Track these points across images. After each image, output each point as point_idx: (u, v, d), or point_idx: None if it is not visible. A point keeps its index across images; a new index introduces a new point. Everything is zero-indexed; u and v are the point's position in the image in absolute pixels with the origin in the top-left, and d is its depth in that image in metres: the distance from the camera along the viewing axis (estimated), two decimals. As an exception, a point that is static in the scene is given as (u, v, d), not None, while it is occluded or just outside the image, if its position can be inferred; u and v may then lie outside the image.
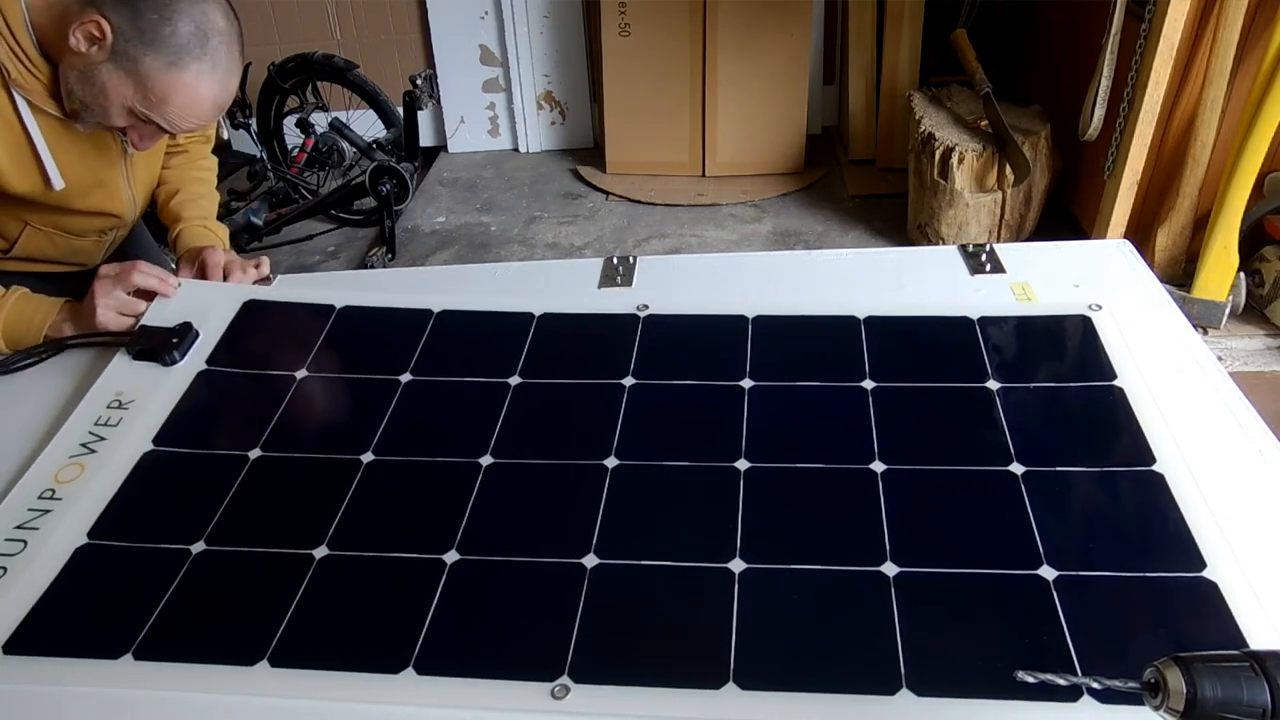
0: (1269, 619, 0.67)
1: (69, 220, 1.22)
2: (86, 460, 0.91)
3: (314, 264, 3.13)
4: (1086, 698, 0.63)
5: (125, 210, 1.27)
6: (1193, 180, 2.41)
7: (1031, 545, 0.74)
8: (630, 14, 3.30)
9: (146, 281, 1.12)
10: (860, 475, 0.82)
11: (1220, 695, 0.46)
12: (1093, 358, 0.94)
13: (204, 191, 1.41)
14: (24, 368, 1.06)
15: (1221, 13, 2.21)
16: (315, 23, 3.58)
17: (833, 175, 3.44)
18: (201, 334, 1.06)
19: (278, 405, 0.97)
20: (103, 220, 1.27)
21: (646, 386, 0.95)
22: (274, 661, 0.71)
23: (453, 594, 0.75)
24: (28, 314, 1.12)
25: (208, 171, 1.46)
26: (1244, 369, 2.31)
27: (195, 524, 0.83)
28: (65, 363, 1.06)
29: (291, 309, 1.11)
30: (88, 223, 1.25)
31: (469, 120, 3.74)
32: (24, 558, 0.81)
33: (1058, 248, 1.17)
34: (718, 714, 0.65)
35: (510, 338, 1.04)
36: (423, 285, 1.21)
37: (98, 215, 1.25)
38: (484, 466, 0.87)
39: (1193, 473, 0.79)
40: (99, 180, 1.21)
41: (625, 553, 0.77)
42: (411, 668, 0.70)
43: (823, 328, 1.02)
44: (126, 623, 0.75)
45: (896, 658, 0.67)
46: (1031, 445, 0.84)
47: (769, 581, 0.74)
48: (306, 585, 0.77)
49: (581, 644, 0.70)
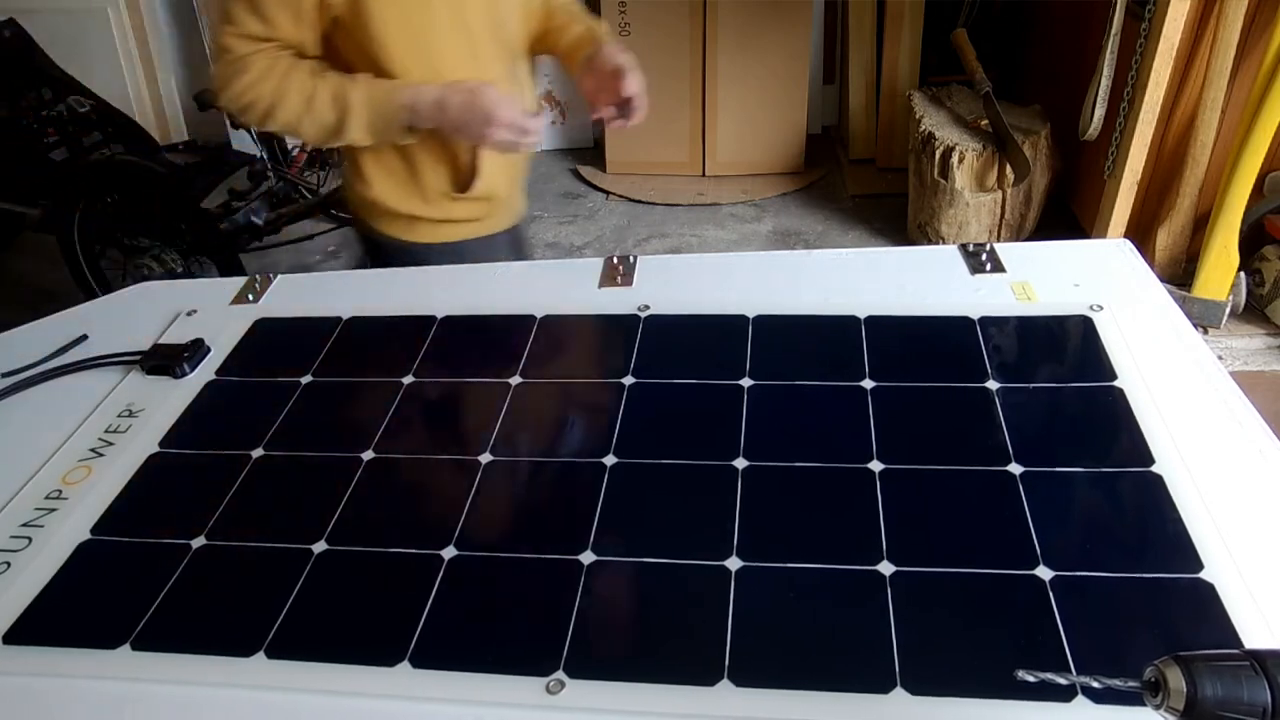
0: (1265, 620, 0.67)
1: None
2: (94, 463, 0.92)
3: (314, 264, 3.13)
4: (1081, 697, 0.63)
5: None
6: (1193, 180, 2.41)
7: (1029, 545, 0.74)
8: (630, 14, 3.30)
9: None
10: (858, 475, 0.82)
11: (1220, 694, 0.46)
12: (1093, 358, 0.94)
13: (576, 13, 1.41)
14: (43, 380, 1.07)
15: (1221, 13, 2.21)
16: (316, 22, 3.58)
17: (833, 175, 3.44)
18: (213, 349, 1.08)
19: (281, 408, 0.98)
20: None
21: (646, 386, 0.96)
22: (270, 653, 0.71)
23: (450, 589, 0.75)
24: (385, 87, 1.19)
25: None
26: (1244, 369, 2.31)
27: (196, 520, 0.84)
28: (82, 382, 1.06)
29: (300, 323, 1.12)
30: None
31: (469, 120, 3.74)
32: (28, 553, 0.82)
33: (1058, 247, 1.17)
34: (712, 711, 0.65)
35: (512, 339, 1.04)
36: (423, 284, 1.21)
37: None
38: (483, 464, 0.87)
39: (1192, 473, 0.79)
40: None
41: (622, 550, 0.77)
42: (407, 661, 0.70)
43: (823, 328, 1.02)
44: (125, 615, 0.75)
45: (891, 656, 0.67)
46: (1030, 445, 0.84)
47: (765, 580, 0.74)
48: (304, 579, 0.77)
49: (577, 640, 0.70)
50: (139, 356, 1.07)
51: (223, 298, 1.19)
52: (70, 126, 2.90)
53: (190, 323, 1.13)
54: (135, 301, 1.22)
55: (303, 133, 1.24)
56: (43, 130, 2.85)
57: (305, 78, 1.21)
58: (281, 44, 1.20)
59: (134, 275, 2.56)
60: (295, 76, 1.20)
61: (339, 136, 1.23)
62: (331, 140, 1.24)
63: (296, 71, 1.21)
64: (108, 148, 2.94)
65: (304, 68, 1.21)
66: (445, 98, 1.20)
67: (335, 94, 1.20)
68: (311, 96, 1.20)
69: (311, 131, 1.23)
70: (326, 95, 1.20)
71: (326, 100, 1.20)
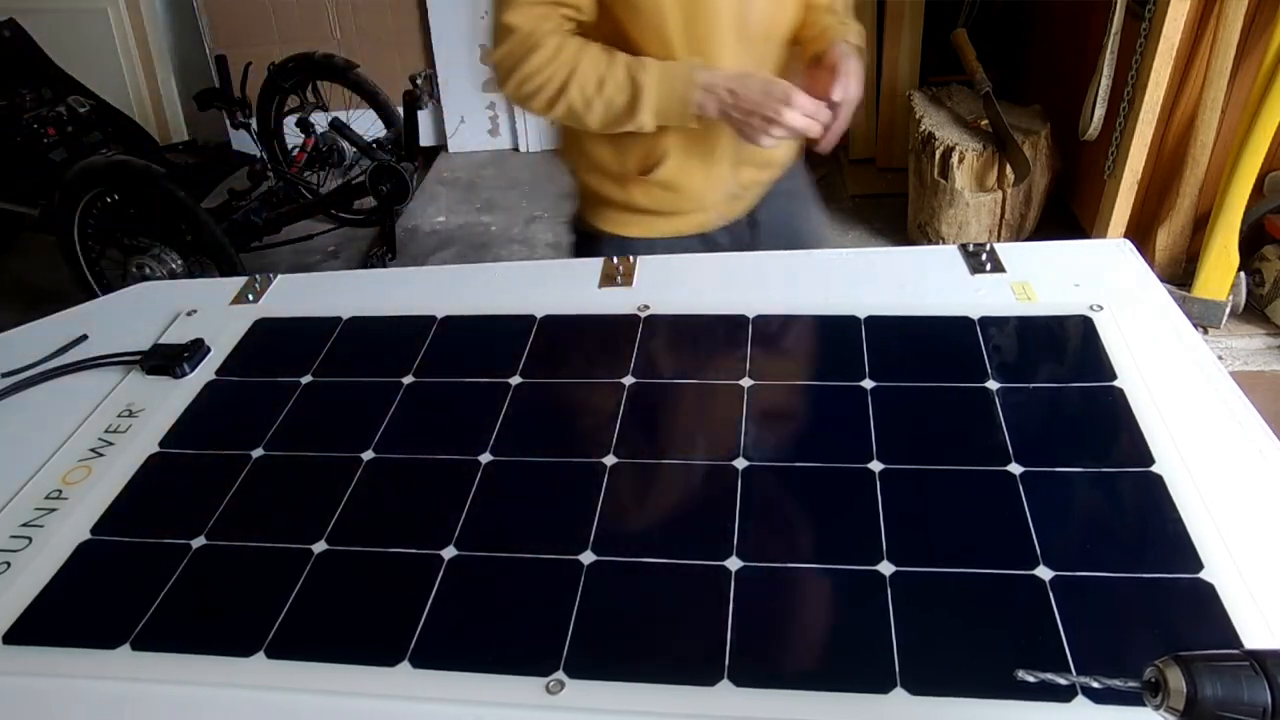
0: (1265, 620, 0.67)
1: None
2: (94, 463, 0.92)
3: (314, 264, 3.13)
4: (1080, 697, 0.63)
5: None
6: (1193, 180, 2.41)
7: (1029, 545, 0.74)
8: (631, 14, 3.30)
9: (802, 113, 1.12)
10: (858, 475, 0.82)
11: (1220, 694, 0.46)
12: (1093, 358, 0.94)
13: (839, 24, 1.29)
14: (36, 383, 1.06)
15: (1221, 13, 2.21)
16: (315, 23, 3.58)
17: (833, 175, 3.44)
18: (213, 349, 1.08)
19: (282, 408, 0.98)
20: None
21: (646, 386, 0.96)
22: (270, 653, 0.71)
23: (450, 589, 0.75)
24: (679, 68, 1.14)
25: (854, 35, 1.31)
26: (1244, 369, 2.31)
27: (196, 520, 0.84)
28: (82, 382, 1.06)
29: (300, 323, 1.12)
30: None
31: (469, 120, 3.74)
32: (28, 553, 0.82)
33: (1058, 247, 1.17)
34: (712, 711, 0.65)
35: (512, 339, 1.04)
36: (423, 285, 1.21)
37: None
38: (483, 464, 0.87)
39: (1192, 473, 0.79)
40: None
41: (622, 550, 0.77)
42: (407, 661, 0.70)
43: (823, 328, 1.02)
44: (125, 615, 0.75)
45: (891, 656, 0.67)
46: (1030, 445, 0.84)
47: (765, 580, 0.74)
48: (304, 579, 0.77)
49: (577, 640, 0.70)
50: (139, 356, 1.07)
51: (223, 298, 1.19)
52: (70, 126, 2.90)
53: (190, 323, 1.13)
54: (135, 301, 1.22)
55: (588, 117, 1.17)
56: (43, 130, 2.85)
57: (599, 54, 1.15)
58: (567, 7, 1.16)
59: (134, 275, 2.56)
60: (587, 55, 1.14)
61: (627, 120, 1.17)
62: (616, 125, 1.18)
63: (588, 50, 1.15)
64: (108, 148, 2.94)
65: (594, 47, 1.15)
66: (742, 81, 1.13)
67: (629, 74, 1.14)
68: (604, 77, 1.14)
69: (598, 114, 1.17)
70: (620, 75, 1.14)
71: (620, 81, 1.14)
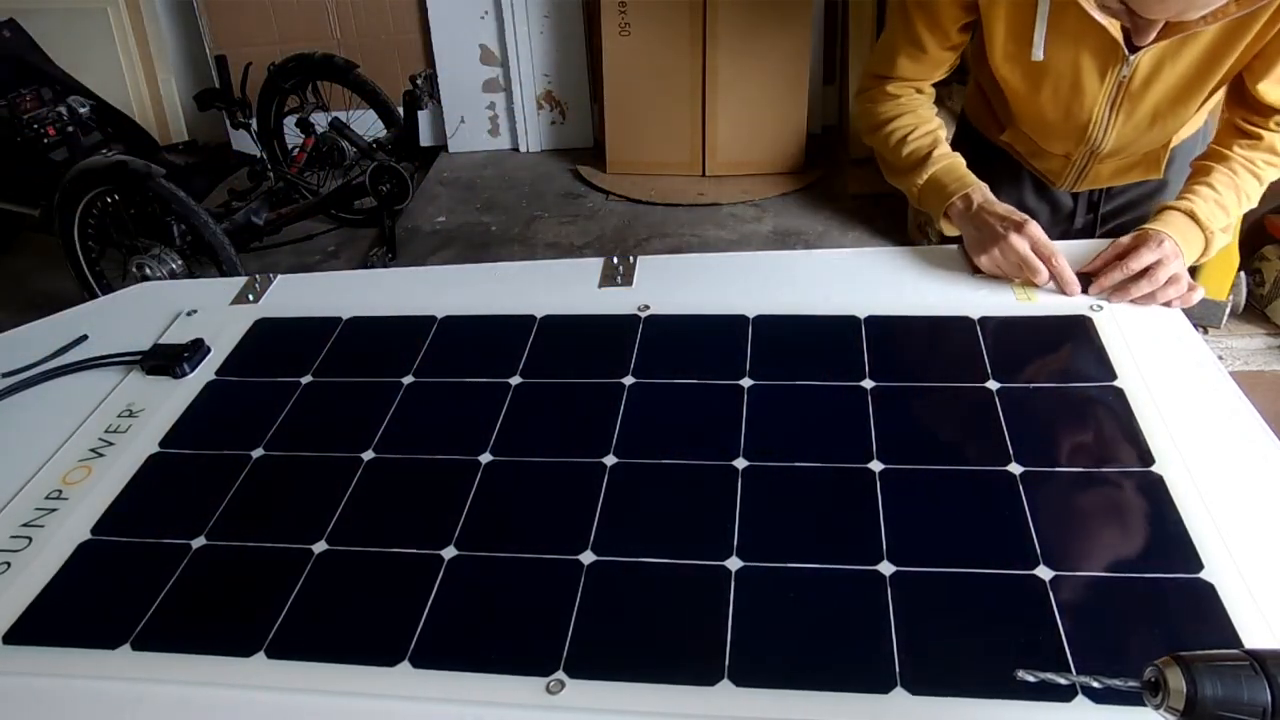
0: (1265, 620, 0.67)
1: (1042, 111, 1.17)
2: (94, 463, 0.92)
3: (314, 264, 3.13)
4: (1080, 697, 0.63)
5: (1089, 132, 1.16)
6: (1193, 181, 2.41)
7: (1029, 545, 0.74)
8: (630, 13, 3.30)
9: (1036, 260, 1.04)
10: (858, 475, 0.82)
11: (1220, 694, 0.46)
12: (1093, 358, 0.94)
13: (1223, 183, 1.10)
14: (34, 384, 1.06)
15: (1222, 13, 2.20)
16: (315, 23, 3.58)
17: (833, 175, 3.44)
18: (213, 349, 1.08)
19: (282, 408, 0.98)
20: (1066, 132, 1.18)
21: (646, 385, 0.96)
22: (270, 653, 0.71)
23: (450, 589, 0.75)
24: (956, 171, 1.16)
25: (1260, 170, 1.11)
26: (1244, 369, 2.31)
27: (196, 520, 0.84)
28: (82, 382, 1.06)
29: (300, 323, 1.12)
30: (1054, 128, 1.19)
31: (469, 120, 3.74)
32: (28, 554, 0.82)
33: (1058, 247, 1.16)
34: (712, 711, 0.65)
35: (512, 339, 1.04)
36: (423, 284, 1.21)
37: (1064, 123, 1.16)
38: (483, 464, 0.87)
39: (1192, 473, 0.79)
40: (1076, 83, 1.10)
41: (622, 550, 0.77)
42: (407, 661, 0.70)
43: (823, 327, 1.02)
44: (125, 615, 0.75)
45: (891, 656, 0.67)
46: (1030, 445, 0.84)
47: (765, 580, 0.74)
48: (305, 579, 0.77)
49: (577, 639, 0.70)
50: (139, 356, 1.07)
51: (223, 298, 1.19)
52: (70, 127, 2.90)
53: (190, 323, 1.13)
54: (135, 301, 1.23)
55: (887, 161, 1.26)
56: (43, 130, 2.85)
57: (924, 125, 1.21)
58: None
59: (134, 275, 2.56)
60: (921, 118, 1.22)
61: (905, 182, 1.23)
62: (899, 181, 1.24)
63: (923, 112, 1.23)
64: (108, 148, 2.94)
65: (931, 121, 1.22)
66: (987, 223, 1.09)
67: (922, 151, 1.19)
68: (905, 138, 1.21)
69: (890, 162, 1.25)
70: (919, 145, 1.20)
71: (914, 149, 1.20)
